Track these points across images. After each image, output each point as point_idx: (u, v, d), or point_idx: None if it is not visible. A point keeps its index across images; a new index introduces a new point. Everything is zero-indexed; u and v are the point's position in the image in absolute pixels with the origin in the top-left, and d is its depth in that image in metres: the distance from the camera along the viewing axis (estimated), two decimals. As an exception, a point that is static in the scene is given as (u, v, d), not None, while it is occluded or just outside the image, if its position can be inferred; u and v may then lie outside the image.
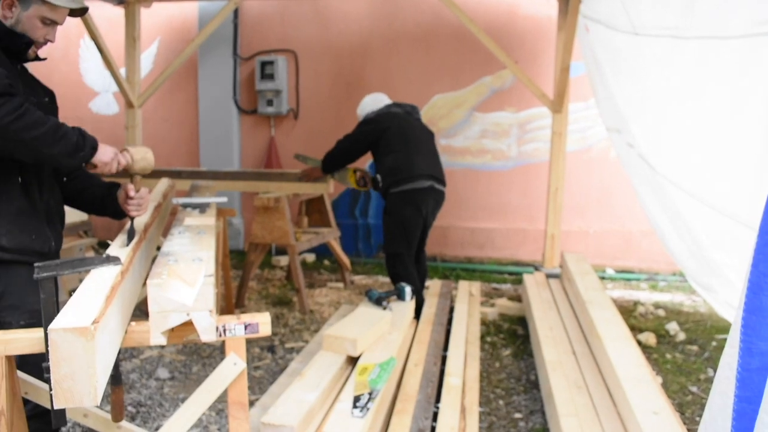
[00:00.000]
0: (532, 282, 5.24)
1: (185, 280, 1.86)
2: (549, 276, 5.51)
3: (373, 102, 4.74)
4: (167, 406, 3.53)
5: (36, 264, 1.69)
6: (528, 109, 6.72)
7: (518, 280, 6.26)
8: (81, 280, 1.92)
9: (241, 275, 5.36)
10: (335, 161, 4.69)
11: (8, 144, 1.89)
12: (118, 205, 2.40)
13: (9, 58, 2.13)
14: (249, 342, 3.99)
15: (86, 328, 1.45)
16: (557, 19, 5.79)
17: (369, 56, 7.04)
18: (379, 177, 4.44)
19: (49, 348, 1.45)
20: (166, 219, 3.39)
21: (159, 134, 7.62)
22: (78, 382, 1.47)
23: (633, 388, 2.82)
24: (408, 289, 4.17)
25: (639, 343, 4.26)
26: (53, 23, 2.18)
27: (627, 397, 2.76)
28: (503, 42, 6.44)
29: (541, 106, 6.42)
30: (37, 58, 2.28)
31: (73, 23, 7.31)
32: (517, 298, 5.56)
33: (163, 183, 3.89)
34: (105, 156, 2.10)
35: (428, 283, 5.19)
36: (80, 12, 2.28)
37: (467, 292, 5.11)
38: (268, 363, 4.12)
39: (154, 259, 2.15)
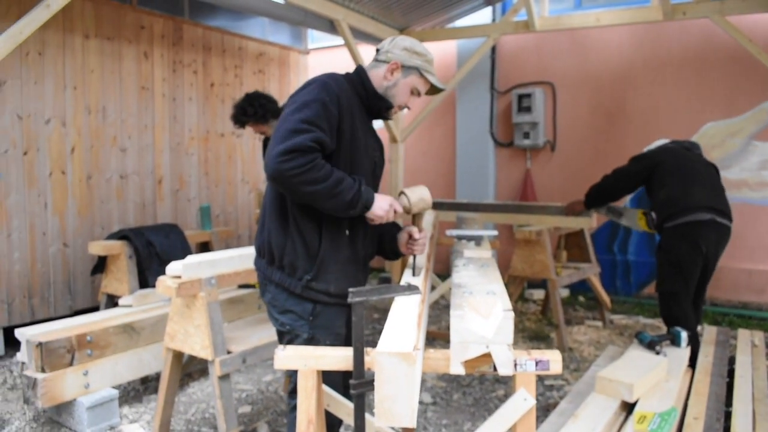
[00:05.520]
0: (832, 336, 4.55)
1: (480, 312, 1.91)
2: None
3: (655, 144, 4.56)
4: (431, 430, 3.65)
5: (350, 289, 1.85)
6: (821, 136, 5.94)
7: (808, 332, 5.48)
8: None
9: (498, 307, 5.37)
10: (600, 196, 4.55)
11: (287, 190, 2.12)
12: (396, 245, 2.53)
13: (368, 115, 2.39)
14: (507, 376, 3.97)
15: (409, 354, 1.54)
16: None
17: (631, 85, 6.74)
18: (653, 214, 4.20)
19: (375, 369, 1.57)
20: (435, 249, 3.54)
21: (418, 167, 8.03)
22: (398, 403, 1.57)
23: None
24: (684, 335, 3.85)
25: None
26: (418, 94, 2.42)
27: None
28: (790, 63, 5.78)
29: (840, 134, 5.64)
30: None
31: (337, 62, 8.03)
32: (810, 353, 4.86)
33: (430, 215, 4.10)
34: (379, 210, 2.23)
35: (700, 328, 4.76)
36: (437, 91, 2.48)
37: (748, 342, 4.58)
38: (528, 398, 4.07)
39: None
